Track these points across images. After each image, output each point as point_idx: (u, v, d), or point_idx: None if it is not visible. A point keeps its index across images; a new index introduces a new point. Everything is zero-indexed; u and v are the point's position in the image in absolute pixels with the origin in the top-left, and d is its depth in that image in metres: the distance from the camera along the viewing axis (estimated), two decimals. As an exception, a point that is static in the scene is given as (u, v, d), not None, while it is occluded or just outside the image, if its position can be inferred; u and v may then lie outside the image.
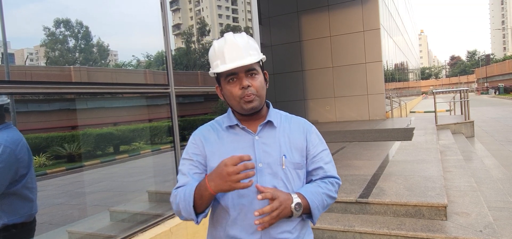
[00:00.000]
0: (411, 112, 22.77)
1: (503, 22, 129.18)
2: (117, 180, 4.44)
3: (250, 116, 1.34)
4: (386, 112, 13.51)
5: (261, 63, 1.35)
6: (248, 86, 1.25)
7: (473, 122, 10.60)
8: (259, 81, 1.29)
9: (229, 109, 1.39)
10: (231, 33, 1.30)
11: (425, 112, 21.18)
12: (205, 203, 1.20)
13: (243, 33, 1.34)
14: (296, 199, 1.23)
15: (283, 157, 1.30)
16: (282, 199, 1.20)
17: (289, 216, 1.23)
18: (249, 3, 5.21)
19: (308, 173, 1.39)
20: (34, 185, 2.05)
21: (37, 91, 2.65)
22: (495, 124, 14.09)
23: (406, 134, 8.44)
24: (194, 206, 1.20)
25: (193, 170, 1.31)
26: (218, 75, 1.32)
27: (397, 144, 7.21)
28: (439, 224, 3.27)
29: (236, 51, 1.25)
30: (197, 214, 1.22)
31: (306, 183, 1.38)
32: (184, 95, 3.99)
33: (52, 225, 3.29)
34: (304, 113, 14.47)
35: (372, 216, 3.63)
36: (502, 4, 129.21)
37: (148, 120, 4.21)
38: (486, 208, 3.53)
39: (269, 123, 1.35)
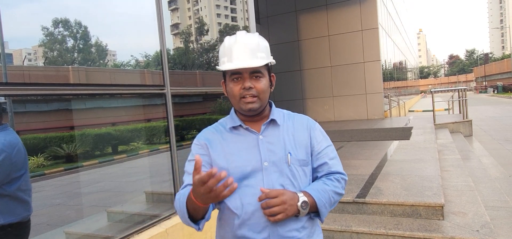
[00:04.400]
0: (409, 111, 22.81)
1: (501, 21, 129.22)
2: (115, 180, 4.43)
3: (253, 117, 1.34)
4: (385, 111, 13.53)
5: (269, 65, 1.35)
6: (250, 87, 1.25)
7: (471, 121, 10.63)
8: (262, 84, 1.28)
9: (232, 110, 1.39)
10: (243, 32, 1.29)
11: (423, 111, 21.24)
12: (201, 213, 1.17)
13: (256, 34, 1.33)
14: (302, 198, 1.22)
15: (288, 154, 1.29)
16: (287, 197, 1.19)
17: (296, 214, 1.23)
18: (246, 2, 5.21)
19: (314, 170, 1.38)
20: (29, 187, 2.04)
21: (34, 93, 2.65)
22: (493, 122, 14.12)
23: (404, 133, 8.46)
24: (192, 216, 1.18)
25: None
26: (224, 71, 1.32)
27: (395, 143, 7.23)
28: (436, 223, 3.29)
29: (244, 51, 1.24)
30: (198, 221, 1.20)
31: (312, 180, 1.38)
32: (182, 95, 3.99)
33: (49, 225, 3.28)
34: (303, 112, 14.17)
35: (369, 216, 3.64)
36: (500, 3, 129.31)
37: (146, 119, 4.20)
38: (483, 207, 3.55)
39: (273, 121, 1.35)
